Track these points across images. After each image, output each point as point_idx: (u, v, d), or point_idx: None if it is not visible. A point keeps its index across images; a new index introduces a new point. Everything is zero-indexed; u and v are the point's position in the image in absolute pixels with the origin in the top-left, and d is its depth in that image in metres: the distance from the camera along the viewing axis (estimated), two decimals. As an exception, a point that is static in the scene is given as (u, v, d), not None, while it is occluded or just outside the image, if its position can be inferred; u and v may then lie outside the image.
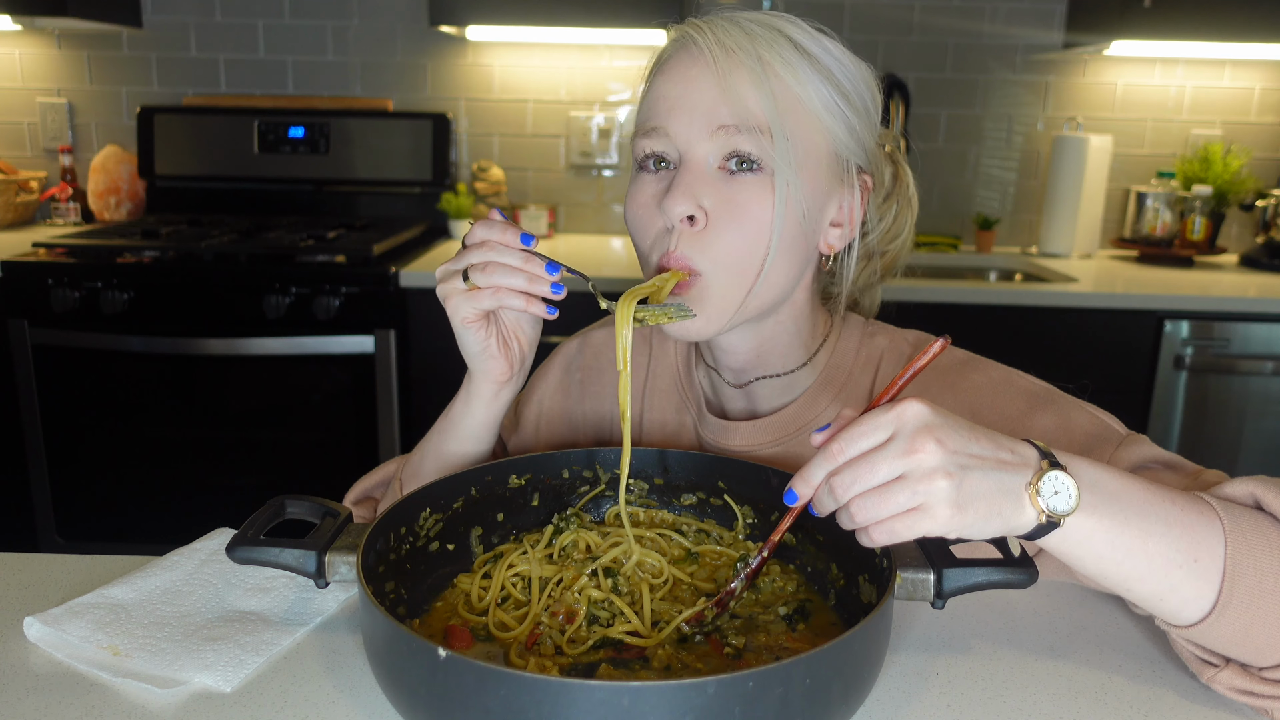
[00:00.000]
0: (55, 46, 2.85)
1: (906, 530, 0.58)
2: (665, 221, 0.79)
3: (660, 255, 0.81)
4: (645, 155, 0.82)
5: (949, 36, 2.80)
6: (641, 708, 0.52)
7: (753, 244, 0.79)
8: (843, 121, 0.81)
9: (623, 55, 2.83)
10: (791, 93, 0.78)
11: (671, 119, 0.79)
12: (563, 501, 0.87)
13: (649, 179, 0.82)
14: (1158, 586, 0.61)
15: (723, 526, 0.85)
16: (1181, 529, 0.60)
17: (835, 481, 0.59)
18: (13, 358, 2.31)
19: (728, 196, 0.78)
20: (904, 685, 0.69)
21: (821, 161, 0.81)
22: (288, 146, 2.80)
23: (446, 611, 0.75)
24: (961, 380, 0.86)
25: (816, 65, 0.79)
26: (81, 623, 0.73)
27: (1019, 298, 2.29)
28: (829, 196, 0.83)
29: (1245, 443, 2.36)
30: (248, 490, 2.38)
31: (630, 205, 0.84)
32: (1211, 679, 0.65)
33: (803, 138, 0.79)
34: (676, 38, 0.83)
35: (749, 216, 0.78)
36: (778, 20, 0.80)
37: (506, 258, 0.77)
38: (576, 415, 1.04)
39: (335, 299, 2.25)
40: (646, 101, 0.83)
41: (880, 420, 0.58)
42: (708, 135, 0.78)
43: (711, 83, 0.78)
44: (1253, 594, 0.60)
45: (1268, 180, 2.86)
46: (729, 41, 0.78)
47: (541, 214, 2.83)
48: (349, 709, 0.65)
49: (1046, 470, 0.59)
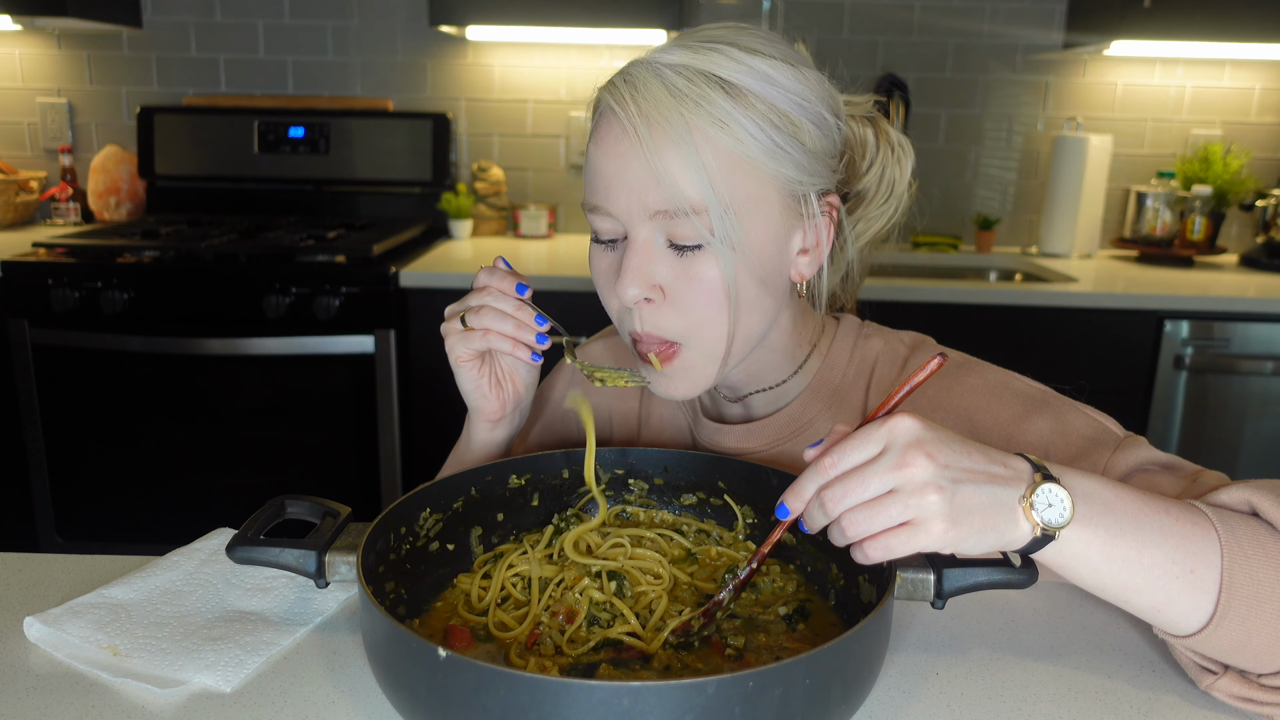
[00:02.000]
0: (55, 46, 2.85)
1: (901, 546, 0.57)
2: (621, 303, 0.79)
3: (629, 333, 0.82)
4: (595, 232, 0.82)
5: (949, 36, 2.80)
6: (641, 708, 0.52)
7: (713, 311, 0.78)
8: (790, 161, 0.77)
9: (622, 55, 2.83)
10: (729, 154, 0.74)
11: (609, 200, 0.77)
12: (563, 501, 0.87)
13: (603, 252, 0.82)
14: (1154, 598, 0.61)
15: (723, 527, 0.85)
16: (1177, 540, 0.60)
17: (826, 495, 0.59)
18: (13, 358, 2.31)
19: (680, 271, 0.77)
20: (904, 685, 0.69)
21: (773, 210, 0.78)
22: (288, 146, 2.80)
23: (446, 611, 0.75)
24: (957, 384, 0.86)
25: (753, 108, 0.74)
26: (81, 623, 0.73)
27: (1019, 298, 2.29)
28: (789, 235, 0.80)
29: (1245, 443, 2.36)
30: (248, 490, 2.38)
31: (592, 273, 0.84)
32: (1210, 686, 0.65)
33: (746, 196, 0.76)
34: (600, 100, 0.79)
35: (704, 289, 0.77)
36: (707, 58, 0.75)
37: (500, 303, 0.83)
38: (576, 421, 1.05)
39: (335, 299, 2.25)
40: (586, 171, 0.81)
41: (872, 435, 0.58)
42: (646, 218, 0.76)
43: (640, 164, 0.74)
44: (1250, 604, 0.59)
45: (1268, 180, 2.86)
46: (652, 111, 0.73)
47: (541, 214, 2.83)
48: (349, 709, 0.65)
49: (1040, 483, 0.58)
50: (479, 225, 2.86)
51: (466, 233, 2.83)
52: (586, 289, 2.33)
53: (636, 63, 0.77)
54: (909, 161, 0.91)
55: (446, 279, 2.30)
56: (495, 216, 2.87)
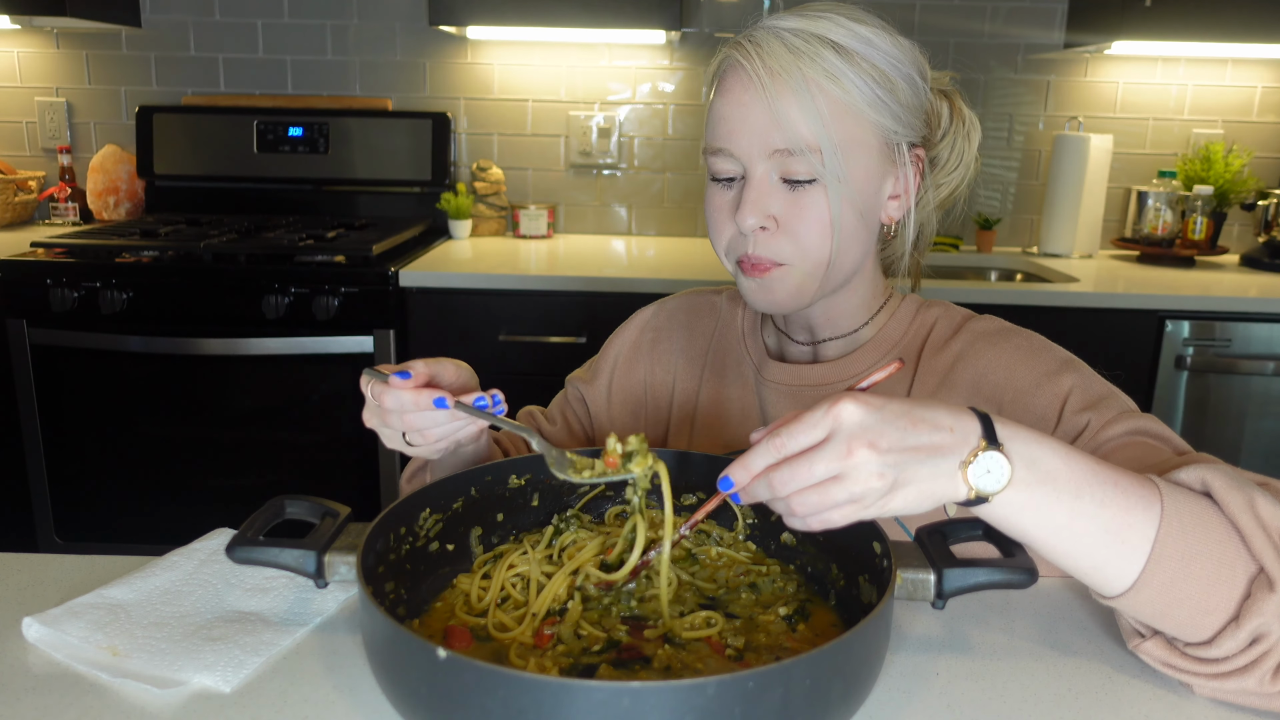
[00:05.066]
0: (54, 46, 2.85)
1: (842, 518, 0.62)
2: (740, 230, 0.89)
3: (739, 255, 0.91)
4: (714, 172, 0.91)
5: (949, 36, 2.80)
6: (641, 708, 0.51)
7: (820, 239, 0.89)
8: (888, 113, 0.88)
9: (623, 55, 2.82)
10: (838, 102, 0.85)
11: (732, 142, 0.88)
12: (563, 502, 0.87)
13: (721, 189, 0.92)
14: (1081, 563, 0.65)
15: (723, 527, 0.85)
16: (1115, 510, 0.63)
17: (774, 477, 0.62)
18: (12, 358, 2.30)
19: (792, 202, 0.88)
20: (904, 685, 0.69)
21: (873, 154, 0.89)
22: (287, 146, 2.80)
23: (446, 612, 0.75)
24: (1005, 340, 0.94)
25: (859, 65, 0.86)
26: (80, 623, 0.73)
27: (1020, 298, 2.29)
28: (884, 179, 0.91)
29: (1246, 443, 2.36)
30: (248, 490, 2.38)
31: (707, 211, 0.94)
32: (1137, 647, 0.69)
33: (852, 139, 0.87)
34: (726, 57, 0.90)
35: (813, 218, 0.88)
36: (819, 24, 0.86)
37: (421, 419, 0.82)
38: (643, 373, 1.12)
39: (334, 299, 2.25)
40: (710, 119, 0.92)
41: (817, 420, 0.62)
42: (765, 156, 0.87)
43: (763, 109, 0.85)
44: (1175, 575, 0.63)
45: (1269, 180, 2.86)
46: (774, 64, 0.85)
47: (541, 214, 2.83)
48: (349, 709, 0.65)
49: (983, 449, 0.62)
50: (479, 225, 2.86)
51: (466, 233, 2.83)
52: (587, 289, 2.33)
53: (757, 27, 0.88)
54: (977, 136, 1.01)
55: (446, 279, 2.30)
56: (495, 216, 2.86)
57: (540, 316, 2.30)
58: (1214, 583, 0.63)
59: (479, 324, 2.30)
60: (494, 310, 2.30)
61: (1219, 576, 0.63)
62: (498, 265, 2.40)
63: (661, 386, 1.11)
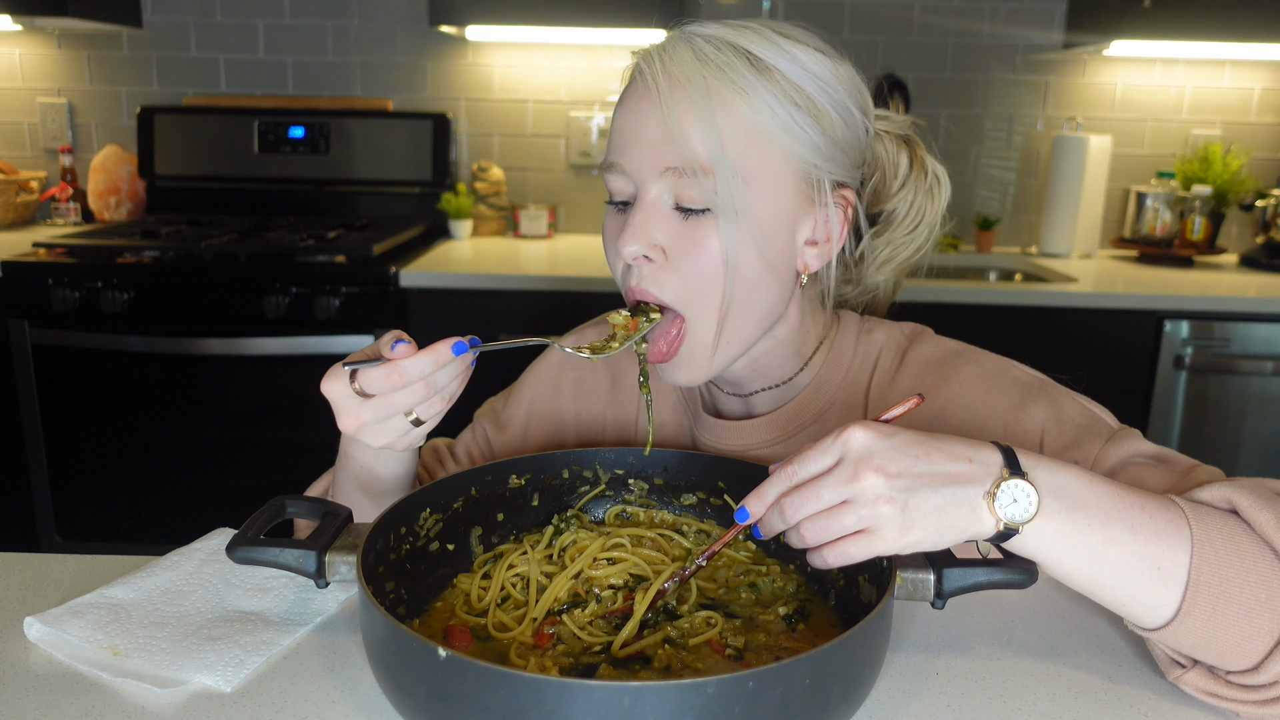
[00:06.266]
0: (55, 46, 2.85)
1: (859, 552, 0.60)
2: (623, 259, 0.80)
3: (625, 288, 0.82)
4: (609, 192, 0.82)
5: (949, 36, 2.80)
6: (641, 708, 0.52)
7: (709, 280, 0.78)
8: (808, 143, 0.77)
9: (622, 55, 2.83)
10: (744, 121, 0.75)
11: (624, 156, 0.79)
12: (563, 502, 0.87)
13: (614, 213, 0.83)
14: (1120, 593, 0.62)
15: (723, 527, 0.85)
16: (1147, 536, 0.61)
17: (785, 503, 0.62)
18: (13, 358, 2.31)
19: (683, 234, 0.78)
20: (904, 685, 0.69)
21: (785, 189, 0.78)
22: (288, 146, 2.80)
23: (446, 611, 0.75)
24: (955, 372, 0.86)
25: (776, 83, 0.75)
26: (81, 623, 0.73)
27: (1019, 298, 2.29)
28: (798, 220, 0.80)
29: (1245, 443, 2.36)
30: (248, 490, 2.38)
31: (603, 236, 0.84)
32: (1179, 678, 0.66)
33: (758, 167, 0.76)
34: (632, 65, 0.80)
35: (704, 254, 0.77)
36: (740, 33, 0.77)
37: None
38: (567, 415, 1.02)
39: (335, 299, 2.25)
40: (610, 133, 0.82)
41: (829, 447, 0.61)
42: (657, 175, 0.77)
43: (657, 121, 0.76)
44: (1216, 602, 0.60)
45: (1267, 180, 2.86)
46: (677, 71, 0.75)
47: (541, 214, 2.83)
48: (349, 709, 0.65)
49: (1006, 479, 0.60)
50: (479, 225, 2.86)
51: (466, 233, 2.83)
52: (587, 289, 2.33)
53: (673, 33, 0.79)
54: (942, 194, 0.90)
55: (446, 279, 2.30)
56: (495, 216, 2.87)
57: (540, 316, 2.30)
58: (1255, 605, 0.60)
59: (479, 324, 2.31)
60: (494, 310, 2.31)
61: (1259, 599, 0.60)
62: (498, 265, 2.41)
63: (590, 421, 1.01)
